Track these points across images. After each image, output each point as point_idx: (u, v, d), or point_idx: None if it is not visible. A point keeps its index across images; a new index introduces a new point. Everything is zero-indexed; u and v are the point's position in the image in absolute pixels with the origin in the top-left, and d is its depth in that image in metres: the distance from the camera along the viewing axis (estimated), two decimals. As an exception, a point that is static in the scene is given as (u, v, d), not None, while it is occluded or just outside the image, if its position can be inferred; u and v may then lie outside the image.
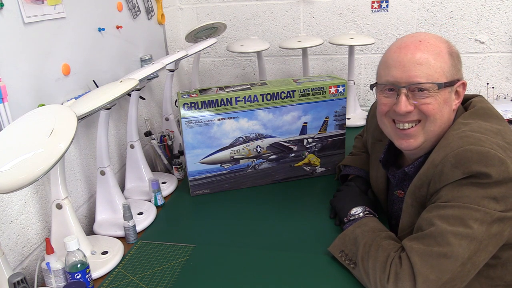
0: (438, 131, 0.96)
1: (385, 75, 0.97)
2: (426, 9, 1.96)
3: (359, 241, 0.98)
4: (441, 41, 0.95)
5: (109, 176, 1.26)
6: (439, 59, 0.92)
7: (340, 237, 1.04)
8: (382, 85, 0.98)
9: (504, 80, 2.00)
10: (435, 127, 0.95)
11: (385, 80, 0.97)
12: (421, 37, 0.95)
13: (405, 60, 0.93)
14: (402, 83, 0.93)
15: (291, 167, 1.46)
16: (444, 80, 0.92)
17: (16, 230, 1.06)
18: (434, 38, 0.95)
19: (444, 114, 0.95)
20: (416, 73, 0.92)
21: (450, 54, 0.94)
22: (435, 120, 0.94)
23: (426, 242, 0.85)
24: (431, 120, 0.94)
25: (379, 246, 0.93)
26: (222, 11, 2.15)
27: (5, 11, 0.99)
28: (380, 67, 1.00)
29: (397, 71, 0.94)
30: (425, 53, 0.92)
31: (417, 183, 0.93)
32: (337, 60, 2.15)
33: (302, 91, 1.37)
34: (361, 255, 0.94)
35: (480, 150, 0.83)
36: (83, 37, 1.30)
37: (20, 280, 0.87)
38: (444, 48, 0.94)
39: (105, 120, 1.20)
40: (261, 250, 1.12)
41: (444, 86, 0.92)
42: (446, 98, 0.94)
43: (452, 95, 0.96)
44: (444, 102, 0.94)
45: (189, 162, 1.37)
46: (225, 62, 2.28)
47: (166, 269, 1.07)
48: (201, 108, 1.31)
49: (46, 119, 0.91)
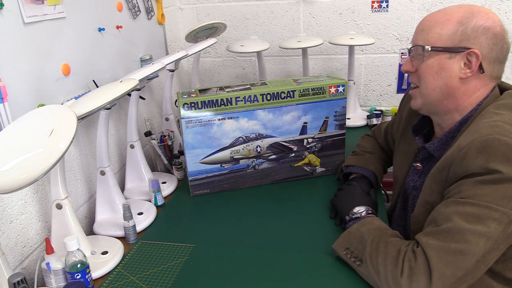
0: (433, 94, 1.00)
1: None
2: (426, 9, 1.96)
3: (365, 238, 0.97)
4: (461, 10, 0.96)
5: (109, 176, 1.26)
6: (442, 26, 0.96)
7: (344, 235, 1.03)
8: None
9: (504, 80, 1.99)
10: (428, 89, 1.00)
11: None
12: (448, 7, 1.00)
13: (417, 27, 1.02)
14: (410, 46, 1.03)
15: (291, 167, 1.46)
16: (440, 44, 0.96)
17: (16, 230, 1.06)
18: (458, 7, 0.98)
19: (439, 80, 0.98)
20: (417, 37, 1.01)
21: (460, 23, 0.95)
22: (427, 83, 1.00)
23: (442, 238, 0.84)
24: (423, 83, 1.01)
25: (388, 243, 0.93)
26: (222, 11, 2.15)
27: (5, 11, 0.99)
28: None
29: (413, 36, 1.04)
30: (431, 20, 0.98)
31: (439, 165, 0.94)
32: (337, 60, 2.15)
33: (302, 91, 1.37)
34: (369, 252, 0.94)
35: (508, 142, 0.83)
36: (83, 37, 1.30)
37: (20, 280, 0.87)
38: (458, 16, 0.95)
39: (105, 120, 1.20)
40: (261, 250, 1.12)
41: (434, 50, 0.96)
42: (442, 63, 0.97)
43: (454, 62, 0.96)
44: (440, 67, 0.97)
45: (189, 162, 1.37)
46: (225, 62, 2.28)
47: (166, 269, 1.07)
48: (201, 108, 1.31)
49: (46, 119, 0.91)
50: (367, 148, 1.40)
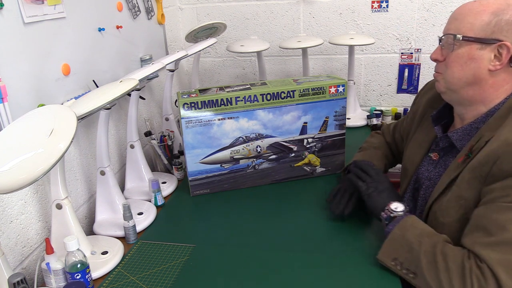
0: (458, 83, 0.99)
1: None
2: (426, 9, 1.96)
3: (415, 248, 0.93)
4: (498, 2, 0.94)
5: (109, 176, 1.26)
6: (476, 16, 0.94)
7: (388, 243, 0.98)
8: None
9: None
10: (453, 78, 0.99)
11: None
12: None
13: (451, 16, 1.01)
14: (442, 34, 1.01)
15: (291, 167, 1.46)
16: (471, 34, 0.94)
17: (16, 230, 1.06)
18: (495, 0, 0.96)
19: (467, 70, 0.97)
20: (450, 26, 0.99)
21: (494, 13, 0.93)
22: (453, 72, 0.98)
23: (504, 250, 0.81)
24: (449, 72, 0.99)
25: (445, 255, 0.88)
26: (222, 11, 2.15)
27: (5, 11, 0.99)
28: None
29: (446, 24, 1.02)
30: (466, 9, 0.97)
31: (482, 159, 0.91)
32: (337, 60, 2.15)
33: (302, 91, 1.37)
34: (425, 266, 0.89)
35: None
36: (83, 37, 1.30)
37: (20, 280, 0.87)
38: (494, 7, 0.94)
39: (105, 120, 1.20)
40: (261, 250, 1.12)
41: (465, 39, 0.95)
42: (472, 54, 0.95)
43: (485, 53, 0.94)
44: (468, 58, 0.96)
45: (189, 162, 1.37)
46: (225, 62, 2.28)
47: (166, 269, 1.07)
48: (201, 108, 1.31)
49: (46, 119, 0.91)
50: (374, 143, 1.40)
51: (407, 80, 2.09)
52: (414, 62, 2.05)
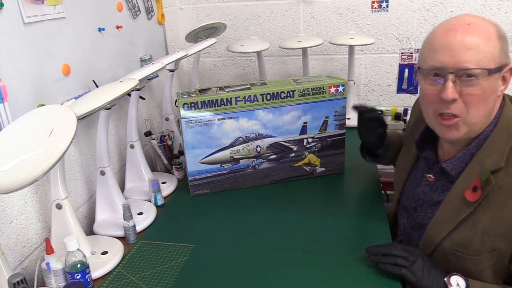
0: (482, 120, 0.92)
1: (431, 59, 0.91)
2: (426, 9, 1.96)
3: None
4: (490, 24, 0.90)
5: (109, 176, 1.26)
6: (489, 44, 0.87)
7: None
8: (427, 70, 0.92)
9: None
10: (478, 117, 0.91)
11: (431, 65, 0.91)
12: (469, 20, 0.90)
13: (454, 44, 0.87)
14: (450, 69, 0.88)
15: (291, 167, 1.46)
16: (493, 65, 0.87)
17: (16, 230, 1.06)
18: (483, 20, 0.91)
19: (489, 103, 0.90)
20: (465, 58, 0.86)
21: (499, 37, 0.89)
22: (478, 111, 0.90)
23: None
24: (474, 112, 0.89)
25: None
26: (222, 11, 2.15)
27: (5, 11, 0.99)
28: (425, 51, 0.95)
29: (445, 56, 0.88)
30: (475, 36, 0.87)
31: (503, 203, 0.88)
32: (337, 60, 2.15)
33: (302, 91, 1.37)
34: None
35: None
36: (83, 37, 1.30)
37: (20, 281, 0.87)
38: (494, 31, 0.89)
39: (105, 120, 1.20)
40: (261, 250, 1.12)
41: (493, 72, 0.87)
42: (493, 85, 0.89)
43: (499, 81, 0.91)
44: (491, 90, 0.89)
45: (189, 162, 1.37)
46: (225, 62, 2.28)
47: (166, 269, 1.07)
48: (201, 108, 1.31)
49: (46, 119, 0.91)
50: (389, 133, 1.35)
51: (407, 80, 2.09)
52: (414, 62, 2.05)
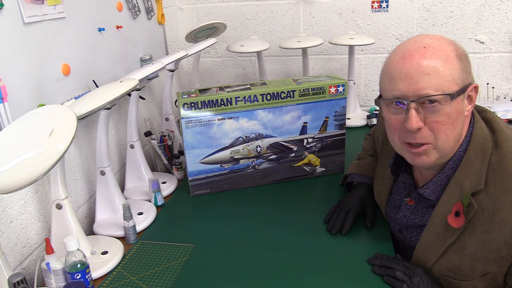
0: (452, 144, 0.89)
1: (391, 89, 0.88)
2: (426, 9, 1.96)
3: None
4: (447, 44, 0.87)
5: (109, 176, 1.26)
6: (448, 66, 0.84)
7: None
8: (388, 100, 0.90)
9: (504, 80, 2.00)
10: (449, 142, 0.88)
11: (392, 95, 0.88)
12: (425, 42, 0.86)
13: (411, 71, 0.84)
14: (411, 97, 0.85)
15: (291, 167, 1.46)
16: (456, 88, 0.84)
17: (16, 230, 1.06)
18: (439, 41, 0.87)
19: (457, 126, 0.87)
20: (424, 85, 0.83)
21: (458, 57, 0.85)
22: (448, 135, 0.87)
23: None
24: (443, 137, 0.87)
25: None
26: (222, 11, 2.15)
27: (5, 11, 0.99)
28: (384, 80, 0.92)
29: (404, 84, 0.85)
30: (432, 60, 0.84)
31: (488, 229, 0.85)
32: (337, 60, 2.15)
33: (302, 91, 1.37)
34: None
35: None
36: (83, 37, 1.30)
37: (20, 280, 0.87)
38: (452, 51, 0.85)
39: (105, 120, 1.20)
40: (261, 250, 1.12)
41: (456, 96, 0.84)
42: (459, 108, 0.86)
43: (465, 101, 0.87)
44: (457, 113, 0.85)
45: (189, 162, 1.37)
46: (225, 62, 2.28)
47: (166, 269, 1.07)
48: (201, 108, 1.31)
49: (46, 119, 0.91)
50: (368, 151, 1.37)
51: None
52: (414, 62, 2.05)
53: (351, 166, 1.36)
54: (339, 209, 1.21)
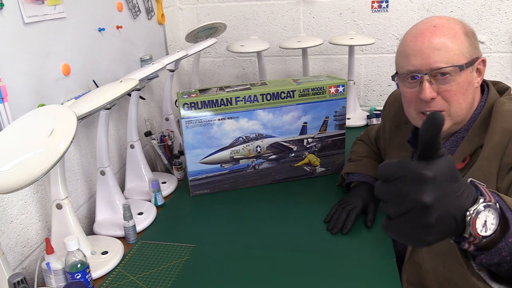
0: (465, 112, 0.97)
1: (406, 64, 0.98)
2: (426, 9, 1.96)
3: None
4: (455, 23, 0.96)
5: (109, 176, 1.26)
6: (456, 41, 0.93)
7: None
8: (404, 74, 0.99)
9: (504, 80, 1.99)
10: (461, 110, 0.96)
11: (406, 70, 0.98)
12: (435, 22, 0.96)
13: (423, 48, 0.94)
14: (424, 70, 0.94)
15: (291, 167, 1.46)
16: (464, 60, 0.93)
17: (16, 230, 1.06)
18: (448, 20, 0.96)
19: (468, 96, 0.96)
20: (435, 59, 0.93)
21: (466, 34, 0.94)
22: (460, 103, 0.95)
23: None
24: (456, 105, 0.95)
25: None
26: (222, 11, 2.15)
27: (5, 11, 0.99)
28: (399, 57, 1.01)
29: (417, 60, 0.95)
30: (441, 37, 0.93)
31: (488, 153, 0.90)
32: (337, 60, 2.15)
33: (302, 91, 1.37)
34: None
35: None
36: (83, 37, 1.30)
37: (20, 280, 0.87)
38: (459, 29, 0.94)
39: (105, 120, 1.20)
40: (261, 250, 1.12)
41: (465, 67, 0.93)
42: (469, 79, 0.95)
43: (473, 73, 0.96)
44: (467, 83, 0.94)
45: (189, 162, 1.37)
46: (225, 62, 2.28)
47: (166, 269, 1.07)
48: (201, 108, 1.31)
49: (46, 119, 0.91)
50: (362, 153, 1.37)
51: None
52: (414, 62, 2.05)
53: (348, 166, 1.36)
54: (340, 209, 1.21)
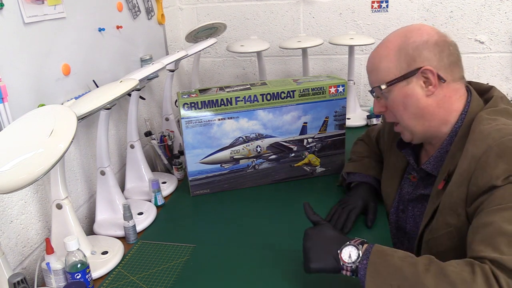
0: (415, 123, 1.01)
1: None
2: (426, 9, 1.96)
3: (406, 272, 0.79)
4: (397, 37, 1.00)
5: (109, 176, 1.26)
6: (385, 60, 0.99)
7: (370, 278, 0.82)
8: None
9: (504, 80, 2.00)
10: (410, 122, 1.01)
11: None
12: (384, 38, 1.03)
13: (366, 70, 1.07)
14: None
15: (291, 167, 1.46)
16: (392, 77, 0.98)
17: (16, 230, 1.06)
18: (394, 36, 1.01)
19: (410, 107, 0.99)
20: (370, 80, 1.05)
21: (398, 50, 0.97)
22: (402, 116, 1.01)
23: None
24: (399, 118, 1.02)
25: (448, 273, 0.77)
26: (222, 11, 2.15)
27: (5, 11, 0.99)
28: None
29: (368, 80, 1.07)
30: (375, 58, 1.02)
31: (457, 181, 0.90)
32: (337, 60, 2.15)
33: (302, 91, 1.37)
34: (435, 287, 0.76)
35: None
36: (83, 37, 1.30)
37: (20, 280, 0.87)
38: (394, 45, 0.98)
39: (105, 120, 1.20)
40: (261, 250, 1.12)
41: (390, 85, 0.99)
42: (404, 92, 0.98)
43: (413, 85, 0.97)
44: (403, 96, 0.98)
45: (189, 162, 1.37)
46: (225, 62, 2.28)
47: (166, 269, 1.07)
48: (201, 108, 1.31)
49: (46, 119, 0.91)
50: (363, 153, 1.37)
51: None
52: (414, 62, 2.05)
53: (348, 166, 1.35)
54: (340, 209, 1.21)
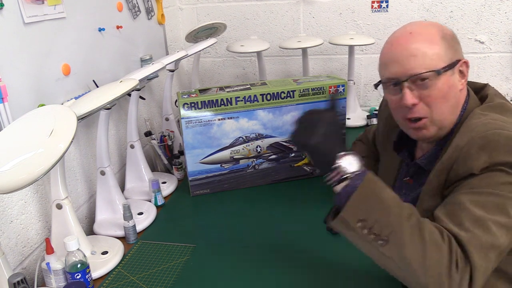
0: (449, 116, 0.96)
1: (385, 72, 1.00)
2: (426, 9, 1.96)
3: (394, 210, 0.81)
4: (431, 27, 0.95)
5: (109, 176, 1.26)
6: (433, 46, 0.93)
7: (357, 198, 0.84)
8: (385, 82, 1.01)
9: (504, 80, 2.00)
10: (444, 114, 0.95)
11: (387, 78, 1.00)
12: (410, 29, 0.96)
13: (399, 55, 0.95)
14: (402, 77, 0.95)
15: (291, 167, 1.46)
16: (442, 64, 0.92)
17: (16, 230, 1.06)
18: (424, 26, 0.96)
19: (450, 99, 0.95)
20: (412, 65, 0.93)
21: (443, 37, 0.94)
22: (442, 108, 0.94)
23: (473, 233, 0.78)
24: (438, 110, 0.94)
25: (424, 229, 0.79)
26: (222, 11, 2.15)
27: (5, 11, 0.99)
28: (379, 66, 1.05)
29: (395, 67, 0.96)
30: (417, 43, 0.93)
31: (438, 167, 0.91)
32: (337, 60, 2.15)
33: (302, 91, 1.37)
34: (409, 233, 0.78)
35: (508, 134, 0.83)
36: (83, 37, 1.30)
37: (20, 280, 0.88)
38: (436, 33, 0.94)
39: (105, 120, 1.20)
40: (261, 250, 1.12)
41: (443, 71, 0.92)
42: (449, 82, 0.93)
43: (455, 76, 0.95)
44: (448, 87, 0.93)
45: (189, 162, 1.37)
46: (225, 62, 2.28)
47: (166, 269, 1.07)
48: (201, 108, 1.31)
49: (46, 119, 0.91)
50: (361, 153, 1.32)
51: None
52: (414, 62, 2.05)
53: None
54: None
